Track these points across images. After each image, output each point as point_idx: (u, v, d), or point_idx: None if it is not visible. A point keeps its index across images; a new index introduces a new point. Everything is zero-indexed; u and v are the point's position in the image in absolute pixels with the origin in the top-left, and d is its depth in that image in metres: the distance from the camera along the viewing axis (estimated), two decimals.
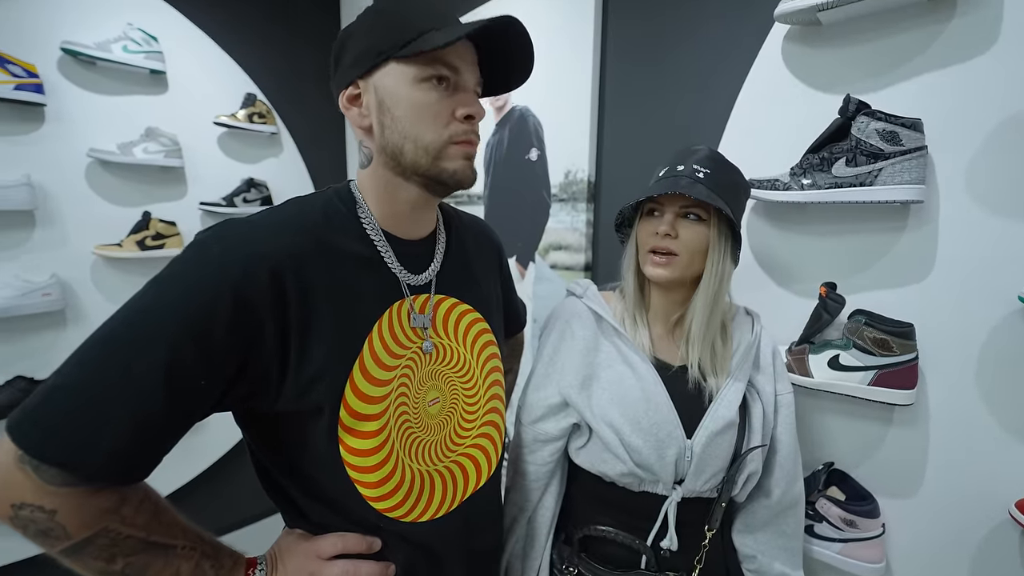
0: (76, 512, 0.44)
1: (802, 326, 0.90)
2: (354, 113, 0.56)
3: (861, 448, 0.89)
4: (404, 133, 0.54)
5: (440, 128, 0.54)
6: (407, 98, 0.53)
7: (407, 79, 0.53)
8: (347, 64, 0.55)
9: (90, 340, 0.46)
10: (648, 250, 0.73)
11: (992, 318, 0.74)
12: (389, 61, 0.53)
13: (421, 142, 0.54)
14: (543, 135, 1.42)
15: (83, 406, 0.43)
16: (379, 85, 0.54)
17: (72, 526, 0.44)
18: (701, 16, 1.07)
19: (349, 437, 0.54)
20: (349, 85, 0.55)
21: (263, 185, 1.87)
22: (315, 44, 2.04)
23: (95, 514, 0.45)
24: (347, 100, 0.56)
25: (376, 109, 0.55)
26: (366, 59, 0.53)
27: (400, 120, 0.54)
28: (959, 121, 0.75)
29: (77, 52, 1.46)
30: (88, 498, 0.45)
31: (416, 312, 0.61)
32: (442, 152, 0.55)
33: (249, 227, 0.52)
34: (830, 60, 0.88)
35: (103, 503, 0.46)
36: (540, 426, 0.77)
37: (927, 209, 0.79)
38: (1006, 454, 0.74)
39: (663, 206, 0.72)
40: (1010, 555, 0.74)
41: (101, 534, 0.45)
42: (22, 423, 0.43)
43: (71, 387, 0.44)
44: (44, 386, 0.44)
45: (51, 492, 0.43)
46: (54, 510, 0.43)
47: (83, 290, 1.56)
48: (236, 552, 0.56)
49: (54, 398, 0.44)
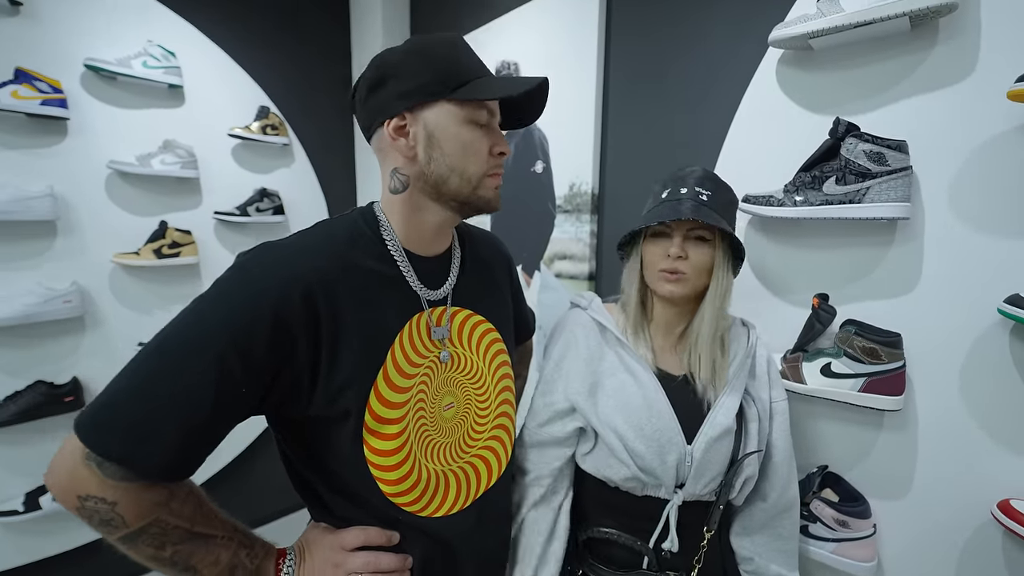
0: (133, 504, 0.50)
1: (796, 334, 0.94)
2: (401, 144, 0.60)
3: (853, 452, 0.93)
4: (451, 166, 0.60)
5: (481, 163, 0.62)
6: (457, 136, 0.60)
7: (457, 119, 0.60)
8: (392, 96, 0.59)
9: (145, 350, 0.51)
10: (659, 270, 0.77)
11: (974, 328, 0.78)
12: (440, 100, 0.59)
13: (466, 175, 0.61)
14: (548, 148, 1.48)
15: (141, 411, 0.49)
16: (429, 121, 0.59)
17: (129, 516, 0.50)
18: (699, 37, 1.12)
19: (372, 439, 0.59)
20: (395, 116, 0.60)
21: (275, 195, 1.92)
22: (327, 57, 2.10)
23: (149, 506, 0.51)
24: (393, 130, 0.60)
25: (425, 142, 0.60)
26: (417, 95, 0.59)
27: (448, 154, 0.60)
28: (942, 142, 0.80)
29: (99, 68, 1.51)
30: (143, 492, 0.50)
31: (434, 325, 0.66)
32: (480, 183, 0.62)
33: (284, 251, 0.57)
34: (822, 83, 0.93)
35: (155, 496, 0.51)
36: (547, 429, 0.81)
37: (913, 225, 0.83)
38: (989, 457, 0.78)
39: (672, 228, 0.76)
40: (993, 553, 0.78)
41: (153, 524, 0.51)
42: (88, 424, 0.49)
43: (130, 393, 0.50)
44: (107, 390, 0.50)
45: (112, 486, 0.49)
46: (115, 502, 0.49)
47: (102, 297, 1.61)
48: (268, 543, 0.61)
49: (115, 403, 0.49)
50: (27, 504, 1.47)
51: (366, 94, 0.62)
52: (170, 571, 0.54)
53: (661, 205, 0.77)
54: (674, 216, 0.72)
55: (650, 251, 0.79)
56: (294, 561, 0.61)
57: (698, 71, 1.13)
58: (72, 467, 0.48)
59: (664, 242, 0.77)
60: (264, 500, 2.05)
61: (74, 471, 0.48)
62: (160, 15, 1.66)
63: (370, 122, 0.63)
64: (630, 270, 0.83)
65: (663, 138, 1.22)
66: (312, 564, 0.62)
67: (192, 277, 1.79)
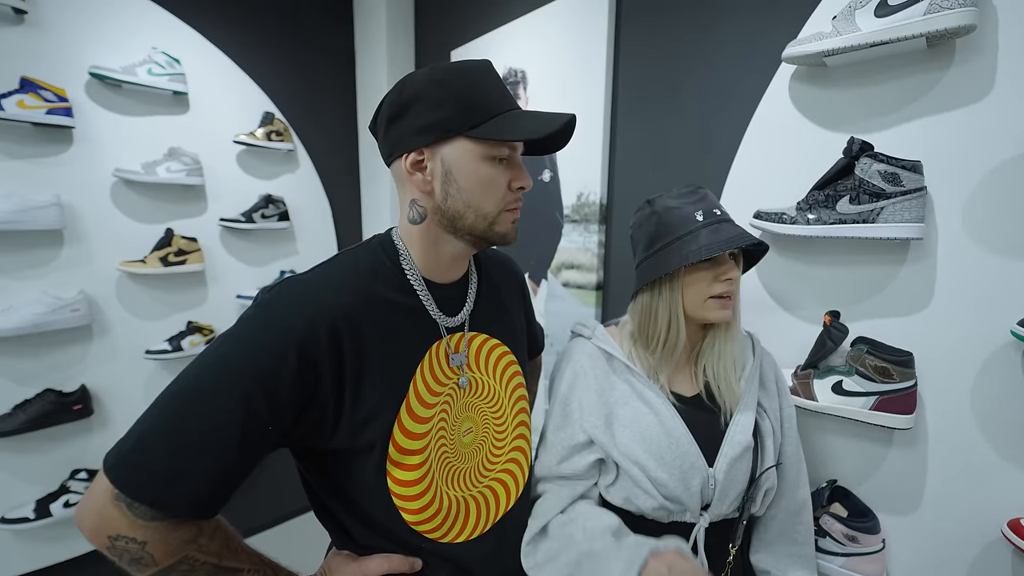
0: (162, 542, 0.50)
1: (806, 350, 0.95)
2: (418, 178, 0.60)
3: (863, 467, 0.93)
4: (468, 202, 0.60)
5: (499, 199, 0.61)
6: (474, 172, 0.59)
7: (475, 155, 0.58)
8: (412, 130, 0.58)
9: (172, 389, 0.52)
10: (712, 296, 0.75)
11: (986, 349, 0.78)
12: (458, 137, 0.58)
13: (482, 211, 0.60)
14: (556, 157, 1.47)
15: (169, 452, 0.49)
16: (446, 157, 0.59)
17: (159, 554, 0.50)
18: (711, 50, 1.12)
19: (396, 470, 0.60)
20: (413, 151, 0.59)
21: (280, 201, 1.91)
22: (331, 61, 2.09)
23: (178, 544, 0.51)
24: (411, 165, 0.59)
25: (442, 178, 0.59)
26: (435, 131, 0.57)
27: (465, 191, 0.59)
28: (957, 163, 0.80)
29: (104, 76, 1.51)
30: (172, 531, 0.51)
31: (453, 352, 0.66)
32: (497, 219, 0.61)
33: (307, 287, 0.58)
34: (835, 100, 0.92)
35: (184, 535, 0.52)
36: (566, 465, 0.78)
37: (926, 245, 0.83)
38: (999, 476, 0.78)
39: (720, 254, 0.73)
40: (1002, 571, 0.79)
41: (183, 561, 0.52)
42: (117, 466, 0.49)
43: (158, 433, 0.50)
44: (133, 431, 0.50)
45: (142, 526, 0.49)
46: (145, 541, 0.49)
47: (109, 305, 1.61)
48: (293, 572, 0.62)
49: (144, 443, 0.50)
50: (38, 511, 1.48)
51: (386, 124, 0.61)
52: None
53: (707, 228, 0.73)
54: (747, 241, 0.71)
55: (698, 279, 0.75)
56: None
57: (709, 84, 1.13)
58: (102, 507, 0.49)
59: (713, 268, 0.75)
60: (263, 507, 2.07)
61: (103, 511, 0.49)
62: (164, 21, 1.65)
63: (389, 153, 0.62)
64: (668, 301, 0.77)
65: (672, 150, 1.22)
66: None
67: (198, 284, 1.80)
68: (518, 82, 1.57)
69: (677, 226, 0.75)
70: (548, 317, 1.53)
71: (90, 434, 1.61)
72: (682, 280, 0.76)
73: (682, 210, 0.76)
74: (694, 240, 0.72)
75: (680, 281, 0.76)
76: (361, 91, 2.16)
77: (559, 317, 1.50)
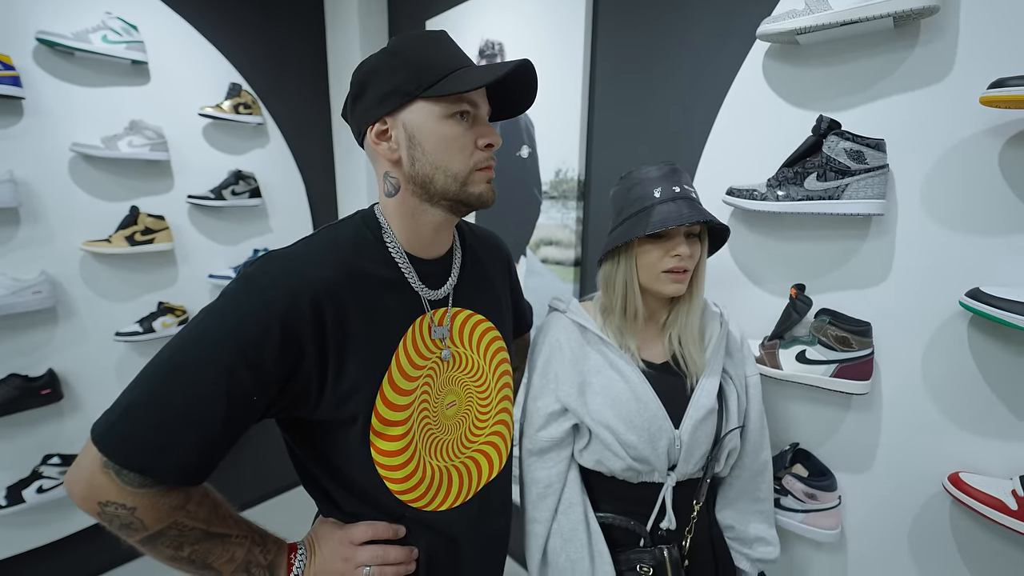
0: (152, 509, 0.52)
1: (774, 321, 0.99)
2: (384, 147, 0.60)
3: (823, 431, 1.00)
4: (435, 164, 0.59)
5: (466, 158, 0.60)
6: (436, 132, 0.59)
7: (435, 116, 0.58)
8: (372, 102, 0.59)
9: (157, 361, 0.52)
10: (665, 270, 0.78)
11: (937, 319, 0.84)
12: (416, 100, 0.58)
13: (451, 171, 0.60)
14: (534, 133, 1.46)
15: (157, 422, 0.50)
16: (407, 121, 0.59)
17: (148, 520, 0.52)
18: (688, 27, 1.12)
19: (379, 440, 0.61)
20: (376, 122, 0.60)
21: (251, 177, 1.85)
22: (300, 32, 2.00)
23: (167, 510, 0.53)
24: (376, 136, 0.60)
25: (406, 143, 0.59)
26: (393, 98, 0.58)
27: (430, 153, 0.59)
28: (917, 141, 0.83)
29: (54, 43, 1.41)
30: (161, 497, 0.52)
31: (436, 325, 0.67)
32: (468, 178, 0.61)
33: (290, 261, 0.57)
34: (806, 78, 0.95)
35: (172, 501, 0.53)
36: (544, 433, 0.84)
37: (886, 221, 0.87)
38: (943, 436, 0.85)
39: (672, 229, 0.76)
40: (942, 521, 0.86)
41: (172, 526, 0.53)
42: (105, 434, 0.50)
43: (146, 405, 0.50)
44: (120, 403, 0.51)
45: (131, 492, 0.50)
46: (134, 507, 0.51)
47: (73, 287, 1.55)
48: (280, 539, 0.64)
49: (131, 414, 0.50)
50: (9, 498, 1.45)
51: (352, 105, 0.62)
52: (188, 569, 0.56)
53: (662, 205, 0.76)
54: (697, 218, 0.73)
55: (648, 253, 0.79)
56: (305, 555, 0.64)
57: (685, 61, 1.13)
58: (91, 475, 0.50)
59: (663, 243, 0.78)
60: (251, 483, 2.07)
61: (93, 479, 0.50)
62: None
63: (358, 131, 0.63)
64: (623, 273, 0.82)
65: (650, 127, 1.23)
66: (322, 557, 0.64)
67: (168, 264, 1.74)
68: (496, 55, 1.55)
69: (637, 201, 0.79)
70: (527, 293, 1.53)
71: (61, 419, 1.57)
72: (636, 252, 0.80)
73: (644, 186, 0.79)
74: (646, 216, 0.76)
75: (634, 253, 0.80)
76: (333, 60, 2.08)
77: (538, 293, 1.52)
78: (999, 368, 0.79)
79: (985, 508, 0.76)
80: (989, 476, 0.79)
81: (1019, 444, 0.78)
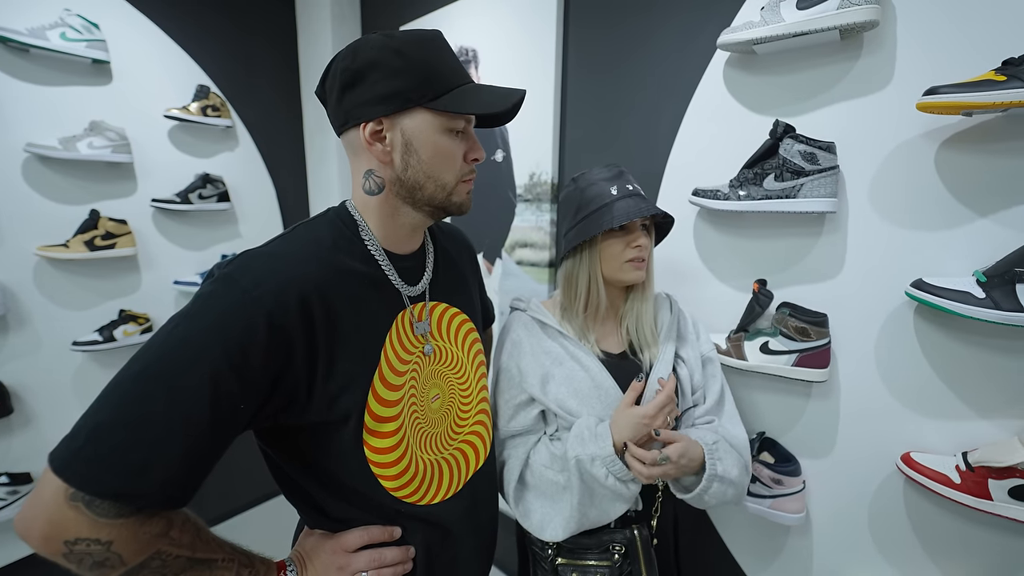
0: (131, 540, 0.47)
1: (739, 316, 1.04)
2: (377, 148, 0.60)
3: (787, 419, 1.05)
4: (428, 173, 0.61)
5: (456, 171, 0.63)
6: (433, 143, 0.60)
7: (434, 127, 0.59)
8: (370, 99, 0.57)
9: (124, 376, 0.48)
10: (627, 260, 0.85)
11: (886, 309, 0.90)
12: (418, 108, 0.58)
13: (441, 182, 0.62)
14: (508, 137, 1.49)
15: (132, 440, 0.45)
16: (406, 128, 0.59)
17: (127, 553, 0.47)
18: (654, 35, 1.17)
19: (372, 439, 0.60)
20: (371, 120, 0.58)
21: (219, 180, 1.81)
22: (271, 36, 1.98)
23: (148, 540, 0.48)
24: (370, 135, 0.59)
25: (402, 148, 0.60)
26: (396, 101, 0.57)
27: (425, 162, 0.60)
28: (864, 144, 0.90)
29: (7, 39, 1.35)
30: (140, 526, 0.47)
31: (416, 319, 0.68)
32: (455, 189, 0.63)
33: (271, 258, 0.56)
34: (763, 85, 1.01)
35: (154, 528, 0.48)
36: (515, 423, 0.87)
37: (838, 218, 0.94)
38: (896, 418, 0.91)
39: (632, 223, 0.85)
40: (896, 498, 0.92)
41: (154, 557, 0.49)
42: (71, 463, 0.45)
43: (117, 423, 0.46)
44: (84, 425, 0.46)
45: (106, 524, 0.45)
46: (110, 541, 0.45)
47: (25, 294, 1.47)
48: (266, 558, 0.61)
49: (101, 437, 0.45)
50: None
51: (339, 91, 0.59)
52: None
53: (620, 201, 0.83)
54: (652, 212, 0.82)
55: (611, 246, 0.85)
56: (295, 571, 0.62)
57: (653, 69, 1.19)
58: (53, 510, 0.44)
59: (624, 236, 0.85)
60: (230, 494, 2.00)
61: (56, 515, 0.44)
62: None
63: (343, 122, 0.61)
64: (588, 266, 0.87)
65: (620, 132, 1.27)
66: (315, 570, 0.62)
67: (130, 270, 1.68)
68: (470, 61, 1.57)
69: (595, 199, 0.85)
70: (503, 295, 1.57)
71: (10, 434, 1.48)
72: (599, 246, 0.86)
73: (599, 186, 0.86)
74: (608, 211, 0.82)
75: (598, 247, 0.86)
76: (304, 65, 2.07)
77: (514, 294, 1.54)
78: (942, 353, 0.85)
79: (933, 483, 0.82)
80: (936, 454, 0.85)
81: (961, 423, 0.84)
